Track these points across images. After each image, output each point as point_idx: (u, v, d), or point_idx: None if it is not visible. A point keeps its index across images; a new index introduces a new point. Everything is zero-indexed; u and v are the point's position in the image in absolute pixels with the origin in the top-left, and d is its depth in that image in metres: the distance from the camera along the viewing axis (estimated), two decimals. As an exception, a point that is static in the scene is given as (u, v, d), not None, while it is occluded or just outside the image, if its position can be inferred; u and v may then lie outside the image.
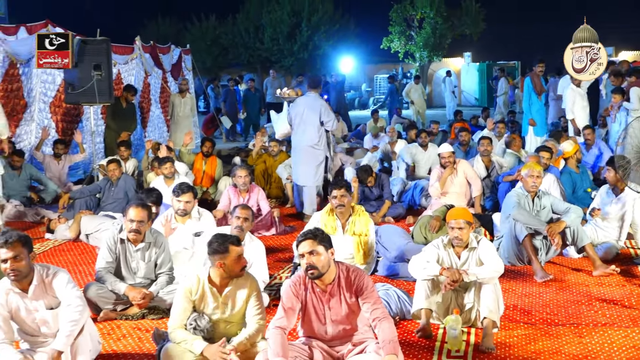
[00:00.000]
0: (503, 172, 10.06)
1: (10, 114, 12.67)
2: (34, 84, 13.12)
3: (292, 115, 10.21)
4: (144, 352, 5.49)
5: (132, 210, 6.31)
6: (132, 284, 6.32)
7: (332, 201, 6.97)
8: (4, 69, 12.22)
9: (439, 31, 32.85)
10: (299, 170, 10.16)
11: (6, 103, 12.44)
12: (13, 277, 4.76)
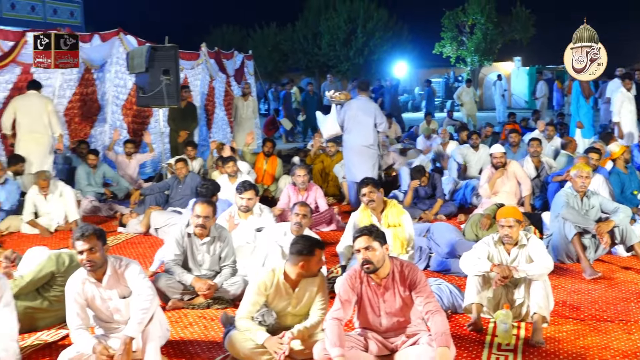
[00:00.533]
0: (552, 172, 9.89)
1: (86, 116, 12.98)
2: (107, 88, 13.39)
3: (344, 117, 10.15)
4: (209, 339, 5.54)
5: (198, 206, 6.39)
6: (198, 275, 6.40)
7: (363, 199, 6.93)
8: (80, 74, 12.49)
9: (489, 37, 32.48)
10: (355, 169, 10.09)
11: (82, 106, 12.76)
12: (89, 268, 4.86)
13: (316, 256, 4.97)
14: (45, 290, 5.82)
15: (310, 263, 4.95)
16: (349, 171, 10.43)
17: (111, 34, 12.99)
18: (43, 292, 5.83)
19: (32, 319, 5.69)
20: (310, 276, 5.02)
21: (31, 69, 11.09)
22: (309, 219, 6.81)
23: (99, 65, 12.86)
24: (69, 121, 12.55)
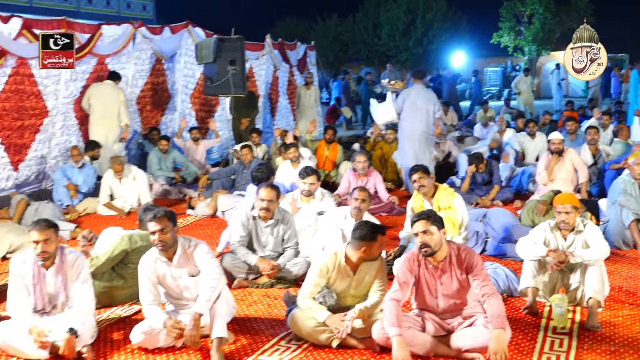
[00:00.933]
0: (609, 160, 9.67)
1: (157, 104, 13.21)
2: (176, 78, 13.59)
3: (402, 105, 10.15)
4: (272, 317, 5.60)
5: (262, 190, 6.45)
6: (262, 256, 6.46)
7: (414, 185, 6.92)
8: (151, 65, 12.70)
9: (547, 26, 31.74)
10: (412, 155, 10.09)
11: (153, 95, 12.97)
12: (160, 248, 4.96)
13: (378, 241, 4.97)
14: (120, 268, 5.96)
15: (372, 248, 4.96)
16: (404, 157, 10.42)
17: (180, 26, 13.16)
18: (118, 270, 5.97)
19: (108, 295, 5.85)
20: (371, 260, 5.03)
21: (106, 60, 11.34)
22: (368, 203, 6.82)
23: (169, 56, 13.05)
24: (141, 109, 12.79)
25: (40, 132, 10.37)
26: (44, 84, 10.17)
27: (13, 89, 9.63)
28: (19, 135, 9.98)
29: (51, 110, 10.45)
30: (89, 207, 9.75)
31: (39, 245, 4.93)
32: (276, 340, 5.10)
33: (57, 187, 9.93)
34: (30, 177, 10.38)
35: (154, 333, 4.90)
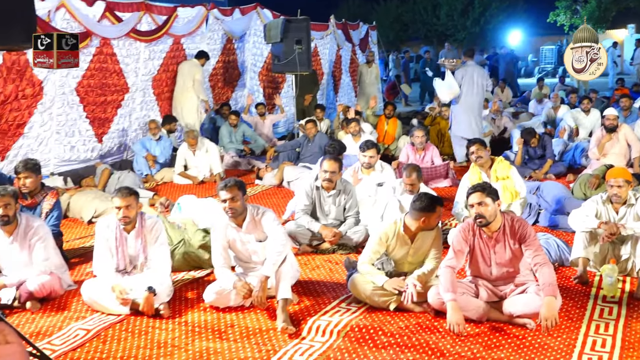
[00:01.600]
0: (663, 135, 9.33)
1: (227, 82, 13.32)
2: (246, 57, 13.68)
3: (461, 80, 10.30)
4: (333, 281, 5.63)
5: (326, 162, 6.46)
6: (325, 224, 6.49)
7: (471, 157, 6.84)
8: (222, 44, 12.80)
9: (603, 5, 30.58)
10: (469, 125, 10.31)
11: (224, 72, 13.09)
12: (231, 214, 5.03)
13: (436, 212, 4.93)
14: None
15: (430, 218, 4.92)
16: (459, 126, 10.45)
17: (249, 8, 13.20)
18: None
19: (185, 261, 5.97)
20: (428, 230, 5.00)
21: (181, 40, 11.47)
22: (420, 180, 6.74)
23: (239, 36, 13.13)
24: (213, 86, 12.93)
25: (121, 107, 10.59)
26: (125, 62, 10.36)
27: (97, 67, 9.84)
28: (102, 110, 10.21)
29: (131, 86, 10.64)
30: (166, 177, 9.95)
31: (121, 211, 5.07)
32: (337, 302, 5.12)
33: (137, 157, 10.16)
34: (112, 149, 10.64)
35: (224, 293, 4.99)
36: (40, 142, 9.23)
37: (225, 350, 4.37)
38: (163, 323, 4.82)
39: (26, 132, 8.99)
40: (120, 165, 10.25)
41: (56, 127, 9.44)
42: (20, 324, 4.80)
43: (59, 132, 9.51)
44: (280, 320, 4.66)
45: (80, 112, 9.81)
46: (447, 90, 10.56)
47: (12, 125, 8.76)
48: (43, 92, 9.08)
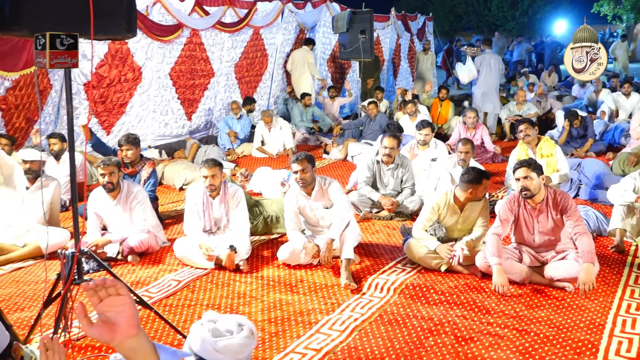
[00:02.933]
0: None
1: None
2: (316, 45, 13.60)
3: (480, 65, 11.13)
4: (391, 244, 5.61)
5: (386, 139, 6.41)
6: (384, 194, 6.47)
7: (519, 135, 6.67)
8: (295, 34, 12.77)
9: (647, -5, 29.06)
10: (487, 101, 11.12)
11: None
12: (301, 184, 5.06)
13: (482, 185, 4.86)
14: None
15: (477, 190, 4.85)
16: (480, 102, 11.22)
17: (320, 2, 13.11)
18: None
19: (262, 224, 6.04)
20: (476, 200, 4.92)
21: (260, 31, 11.50)
22: (472, 153, 6.63)
23: (310, 27, 13.07)
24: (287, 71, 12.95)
25: (207, 89, 10.73)
26: (211, 50, 10.47)
27: (187, 54, 9.98)
28: (191, 92, 10.37)
29: (216, 72, 10.76)
30: (245, 150, 10.07)
31: (208, 179, 5.16)
32: (394, 263, 5.11)
33: (221, 133, 10.30)
34: (200, 126, 10.82)
35: (295, 253, 5.05)
36: (140, 120, 9.46)
37: (295, 301, 4.43)
38: (242, 277, 4.92)
39: (127, 110, 9.23)
40: (206, 140, 10.43)
41: (152, 106, 9.65)
42: (123, 274, 4.97)
43: (155, 110, 9.72)
44: (344, 277, 4.68)
45: (172, 93, 9.99)
46: (467, 74, 11.32)
47: (115, 105, 9.01)
48: (142, 77, 9.27)
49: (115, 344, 1.39)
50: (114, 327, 1.39)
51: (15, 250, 5.33)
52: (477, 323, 3.99)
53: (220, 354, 1.98)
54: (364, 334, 3.89)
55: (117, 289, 1.40)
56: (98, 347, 3.79)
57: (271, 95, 12.51)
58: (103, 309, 1.40)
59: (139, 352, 1.38)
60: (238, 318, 2.08)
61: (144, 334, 1.42)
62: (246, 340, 2.02)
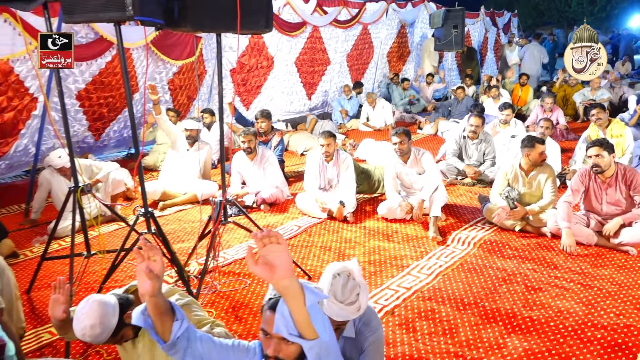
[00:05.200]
0: None
1: (400, 57, 12.97)
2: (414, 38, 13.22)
3: (523, 54, 11.72)
4: (472, 206, 5.42)
5: (472, 118, 6.16)
6: (468, 164, 6.24)
7: (592, 118, 6.13)
8: (397, 29, 12.44)
9: None
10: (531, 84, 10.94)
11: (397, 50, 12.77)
12: (399, 153, 4.99)
13: (536, 148, 4.57)
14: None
15: (532, 153, 4.59)
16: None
17: (419, 2, 12.67)
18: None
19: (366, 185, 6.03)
20: (536, 165, 4.63)
21: (368, 27, 11.31)
22: (551, 130, 6.24)
23: (409, 23, 12.68)
24: (390, 60, 12.68)
25: (324, 75, 10.75)
26: (328, 43, 10.44)
27: (309, 46, 10.03)
28: (311, 77, 10.44)
29: (332, 60, 10.74)
30: (354, 125, 10.05)
31: (324, 147, 5.21)
32: (474, 222, 4.96)
33: (335, 111, 10.33)
34: (318, 104, 10.90)
35: (392, 209, 5.01)
36: (271, 99, 9.68)
37: (390, 248, 4.42)
38: (348, 226, 4.96)
39: (262, 91, 9.46)
40: (322, 116, 10.51)
41: (281, 88, 9.82)
42: (257, 218, 5.17)
43: (283, 92, 9.90)
44: (431, 231, 4.61)
45: (297, 78, 10.11)
46: (511, 60, 11.89)
47: (253, 87, 9.25)
48: (274, 65, 9.44)
49: (272, 282, 1.41)
50: (272, 269, 1.40)
51: (179, 196, 5.69)
52: (545, 276, 3.80)
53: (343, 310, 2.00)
54: (447, 278, 3.83)
55: (277, 238, 1.42)
56: (237, 273, 3.99)
57: (375, 80, 12.35)
58: (265, 252, 1.41)
59: (290, 291, 1.40)
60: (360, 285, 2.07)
61: (295, 277, 1.42)
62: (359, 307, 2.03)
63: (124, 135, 7.67)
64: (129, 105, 3.24)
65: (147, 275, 1.57)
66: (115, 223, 5.01)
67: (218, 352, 1.68)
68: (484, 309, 3.36)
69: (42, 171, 4.96)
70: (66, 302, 2.18)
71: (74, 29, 6.24)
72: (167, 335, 1.59)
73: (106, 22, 3.01)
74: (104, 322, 2.01)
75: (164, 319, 1.58)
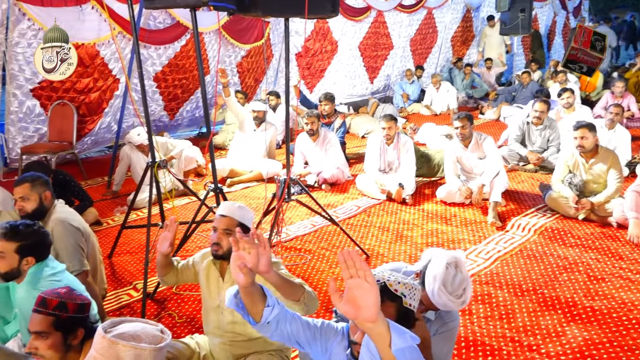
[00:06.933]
0: None
1: (463, 42, 12.53)
2: (478, 22, 12.69)
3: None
4: (534, 193, 5.19)
5: (537, 104, 5.88)
6: (531, 150, 5.98)
7: None
8: (462, 14, 12.02)
9: None
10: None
11: (461, 35, 12.32)
12: (461, 138, 4.84)
13: (585, 131, 4.31)
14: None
15: (583, 136, 4.32)
16: None
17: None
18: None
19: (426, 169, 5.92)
20: (586, 151, 4.37)
21: (433, 11, 10.97)
22: (621, 117, 5.84)
23: (475, 7, 12.19)
24: (453, 45, 12.27)
25: (387, 59, 10.57)
26: (392, 27, 10.24)
27: (373, 31, 9.88)
28: (374, 61, 10.30)
29: (395, 45, 10.54)
30: (415, 109, 9.85)
31: (385, 130, 5.14)
32: (536, 209, 4.75)
33: (396, 95, 10.16)
34: (380, 88, 10.76)
35: (452, 193, 4.90)
36: (334, 82, 9.64)
37: (448, 231, 4.33)
38: (407, 208, 4.90)
39: (325, 75, 9.44)
40: (384, 99, 10.37)
41: (344, 72, 9.76)
42: (318, 198, 5.20)
43: (346, 75, 9.83)
44: (491, 216, 4.47)
45: (360, 62, 10.00)
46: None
47: (317, 70, 9.25)
48: (338, 49, 9.39)
49: (357, 322, 1.26)
50: (357, 307, 1.22)
51: (245, 174, 5.82)
52: (609, 266, 3.60)
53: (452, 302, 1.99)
54: (505, 264, 3.71)
55: (366, 275, 1.22)
56: (298, 248, 4.05)
57: (438, 64, 12.01)
58: (351, 285, 1.23)
59: (376, 332, 1.24)
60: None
61: (382, 320, 1.25)
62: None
63: (195, 115, 7.90)
64: (202, 86, 3.32)
65: (240, 270, 1.52)
66: (187, 197, 5.20)
67: (305, 333, 1.66)
68: (542, 296, 3.24)
69: (123, 147, 5.21)
70: (173, 240, 2.30)
71: (153, 14, 6.45)
72: (258, 318, 1.57)
73: (183, 8, 3.10)
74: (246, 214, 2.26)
75: (255, 304, 1.55)
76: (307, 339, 1.66)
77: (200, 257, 2.44)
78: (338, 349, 1.66)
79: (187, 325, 3.01)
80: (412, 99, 10.00)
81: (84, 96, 6.17)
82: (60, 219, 2.77)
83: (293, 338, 1.64)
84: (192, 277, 2.44)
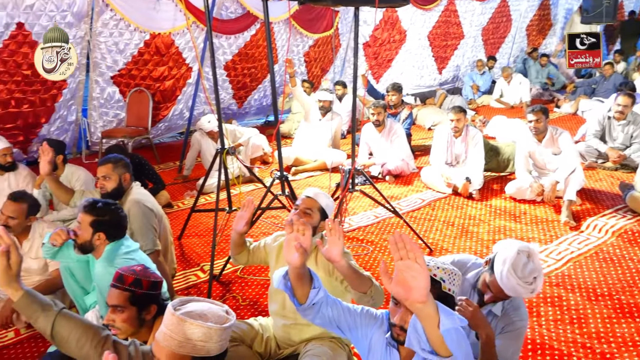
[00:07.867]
0: None
1: (540, 30, 11.94)
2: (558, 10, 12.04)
3: None
4: (613, 192, 4.88)
5: (621, 97, 5.50)
6: (611, 147, 5.61)
7: None
8: (540, 1, 11.41)
9: None
10: None
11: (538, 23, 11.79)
12: (534, 132, 4.61)
13: None
14: None
15: None
16: None
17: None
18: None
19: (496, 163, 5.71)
20: None
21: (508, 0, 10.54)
22: None
23: None
24: (529, 34, 11.69)
25: (457, 49, 10.25)
26: (463, 16, 9.91)
27: (443, 20, 9.60)
28: (443, 51, 10.01)
29: (466, 34, 10.20)
30: (484, 101, 9.51)
31: (454, 122, 5.00)
32: (614, 210, 4.47)
33: (465, 86, 9.85)
34: (448, 79, 10.47)
35: (522, 189, 4.71)
36: (401, 72, 9.49)
37: (517, 229, 4.17)
38: (473, 203, 4.76)
39: (392, 65, 9.30)
40: (452, 91, 10.08)
41: (412, 62, 9.57)
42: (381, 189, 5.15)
43: (414, 65, 9.64)
44: (564, 215, 4.25)
45: (428, 52, 9.77)
46: None
47: (384, 60, 9.14)
48: (406, 38, 9.22)
49: (406, 303, 1.28)
50: (407, 289, 1.24)
51: (310, 163, 5.87)
52: (697, 275, 3.33)
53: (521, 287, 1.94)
54: (579, 266, 3.52)
55: (417, 256, 1.23)
56: (360, 239, 4.04)
57: (511, 55, 11.50)
58: (401, 267, 1.24)
59: (424, 312, 1.25)
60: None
61: (432, 301, 1.26)
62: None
63: (263, 104, 8.05)
64: (271, 75, 3.37)
65: (297, 250, 1.57)
66: (253, 184, 5.31)
67: (347, 318, 1.69)
68: (619, 302, 3.05)
69: (194, 133, 5.40)
70: (249, 220, 2.38)
71: (225, 4, 6.61)
72: (303, 299, 1.62)
73: (255, -3, 3.14)
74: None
75: (303, 285, 1.61)
76: (349, 324, 1.70)
77: (272, 239, 2.49)
78: (378, 334, 1.68)
79: (250, 309, 3.09)
80: (482, 91, 9.66)
81: (159, 84, 6.44)
82: (136, 200, 2.92)
83: (334, 323, 1.68)
84: (263, 258, 2.50)
